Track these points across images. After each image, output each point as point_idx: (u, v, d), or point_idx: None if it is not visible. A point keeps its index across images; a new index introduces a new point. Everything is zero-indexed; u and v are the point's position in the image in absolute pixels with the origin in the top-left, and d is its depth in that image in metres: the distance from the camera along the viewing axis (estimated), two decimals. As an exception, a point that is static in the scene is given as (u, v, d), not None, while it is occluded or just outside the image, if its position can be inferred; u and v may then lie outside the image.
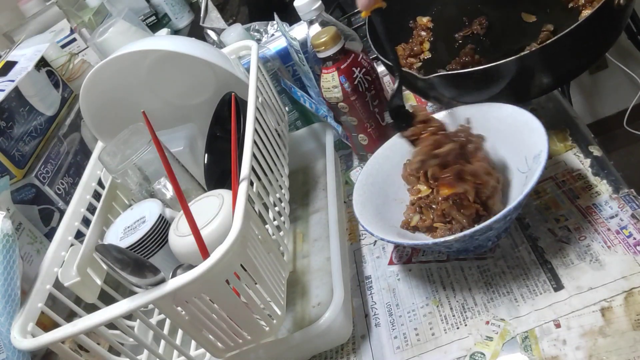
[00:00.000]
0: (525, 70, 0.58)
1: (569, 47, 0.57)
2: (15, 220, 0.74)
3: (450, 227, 0.58)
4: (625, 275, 0.50)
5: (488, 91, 0.61)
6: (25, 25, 1.39)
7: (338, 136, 0.82)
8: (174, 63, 0.77)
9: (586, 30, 0.55)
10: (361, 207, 0.61)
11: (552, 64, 0.58)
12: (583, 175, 0.60)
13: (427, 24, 0.74)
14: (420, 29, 0.74)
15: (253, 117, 0.63)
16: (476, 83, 0.60)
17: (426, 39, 0.73)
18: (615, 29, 0.61)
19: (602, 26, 0.58)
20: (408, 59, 0.72)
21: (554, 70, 0.59)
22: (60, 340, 0.50)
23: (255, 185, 0.61)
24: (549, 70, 0.59)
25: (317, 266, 0.71)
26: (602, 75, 1.76)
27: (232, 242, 0.47)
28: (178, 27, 1.49)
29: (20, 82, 0.83)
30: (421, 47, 0.73)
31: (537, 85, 0.61)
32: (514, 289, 0.54)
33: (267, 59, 0.84)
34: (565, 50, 0.57)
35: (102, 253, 0.48)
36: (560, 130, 0.66)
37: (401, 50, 0.73)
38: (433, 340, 0.55)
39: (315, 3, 0.73)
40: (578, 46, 0.58)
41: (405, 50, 0.73)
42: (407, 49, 0.73)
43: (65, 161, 0.90)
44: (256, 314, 0.54)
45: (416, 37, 0.74)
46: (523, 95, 0.60)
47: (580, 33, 0.55)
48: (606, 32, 0.60)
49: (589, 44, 0.59)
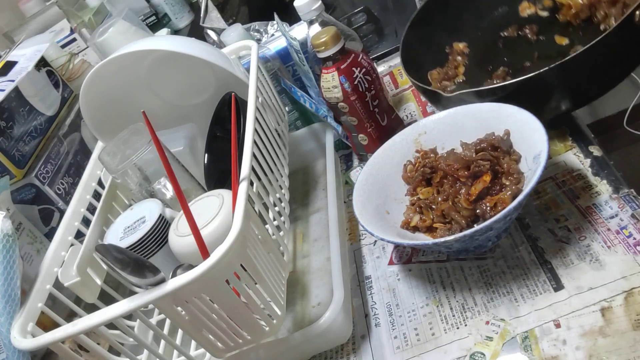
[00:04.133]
0: (544, 87, 0.58)
1: (589, 65, 0.56)
2: (15, 220, 0.74)
3: (450, 227, 0.58)
4: (625, 275, 0.50)
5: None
6: (25, 25, 1.40)
7: (338, 136, 0.82)
8: (174, 63, 0.77)
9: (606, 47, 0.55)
10: (361, 207, 0.61)
11: (570, 81, 0.58)
12: (583, 175, 0.60)
13: (464, 49, 0.76)
14: (456, 54, 0.76)
15: (253, 117, 0.63)
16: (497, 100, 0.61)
17: (461, 64, 0.75)
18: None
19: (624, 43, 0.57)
20: (442, 82, 0.73)
21: (573, 89, 0.59)
22: (60, 340, 0.50)
23: (255, 185, 0.61)
24: (568, 88, 0.59)
25: (317, 266, 0.71)
26: (602, 75, 1.76)
27: (232, 242, 0.47)
28: (178, 27, 1.49)
29: (20, 82, 0.83)
30: (456, 71, 0.75)
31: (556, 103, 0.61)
32: (514, 289, 0.54)
33: (267, 59, 0.84)
34: (585, 68, 0.57)
35: (102, 253, 0.48)
36: (560, 130, 0.66)
37: (436, 74, 0.74)
38: (433, 340, 0.55)
39: (315, 3, 0.73)
40: (599, 63, 0.58)
41: (440, 74, 0.74)
42: (442, 73, 0.74)
43: (65, 161, 0.90)
44: (256, 314, 0.54)
45: (452, 62, 0.76)
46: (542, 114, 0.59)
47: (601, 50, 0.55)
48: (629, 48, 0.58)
49: (611, 61, 0.59)
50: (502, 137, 0.59)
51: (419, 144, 0.67)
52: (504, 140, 0.59)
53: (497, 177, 0.58)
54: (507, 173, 0.57)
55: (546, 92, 0.59)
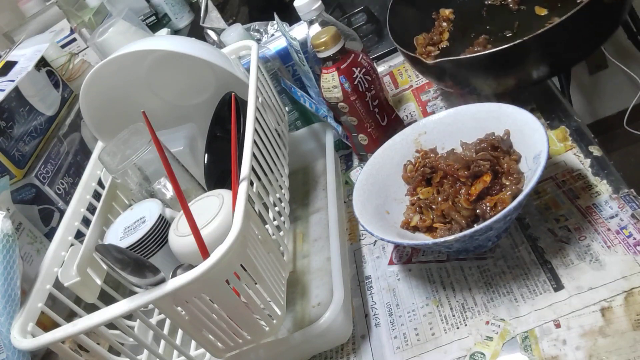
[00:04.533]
0: (520, 57, 0.62)
1: (562, 37, 0.61)
2: (15, 220, 0.74)
3: (450, 227, 0.58)
4: (625, 275, 0.50)
5: (490, 76, 0.65)
6: (25, 25, 1.40)
7: (338, 136, 0.82)
8: (173, 63, 0.77)
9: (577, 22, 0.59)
10: (361, 207, 0.61)
11: (547, 51, 0.62)
12: (583, 175, 0.60)
13: (449, 15, 0.80)
14: (442, 20, 0.80)
15: (253, 117, 0.63)
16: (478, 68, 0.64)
17: (446, 30, 0.79)
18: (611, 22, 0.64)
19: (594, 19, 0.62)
20: (427, 47, 0.77)
21: (549, 58, 0.63)
22: (60, 340, 0.50)
23: (255, 185, 0.61)
24: (544, 58, 0.63)
25: (317, 266, 0.71)
26: (602, 75, 1.76)
27: (232, 242, 0.47)
28: (178, 27, 1.49)
29: (20, 82, 0.83)
30: (441, 37, 0.79)
31: (533, 71, 0.64)
32: (514, 289, 0.54)
33: (267, 59, 0.84)
34: (560, 40, 0.61)
35: (102, 253, 0.48)
36: (560, 130, 0.66)
37: (422, 39, 0.78)
38: (433, 340, 0.55)
39: (315, 3, 0.73)
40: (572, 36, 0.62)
41: (425, 39, 0.78)
42: (427, 38, 0.78)
43: (65, 161, 0.90)
44: (256, 314, 0.54)
45: (437, 28, 0.80)
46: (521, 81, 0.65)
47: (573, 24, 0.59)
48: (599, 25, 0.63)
49: (583, 35, 0.63)
50: (502, 137, 0.59)
51: (419, 144, 0.67)
52: (504, 140, 0.59)
53: (497, 177, 0.58)
54: (507, 173, 0.57)
55: (521, 62, 0.63)
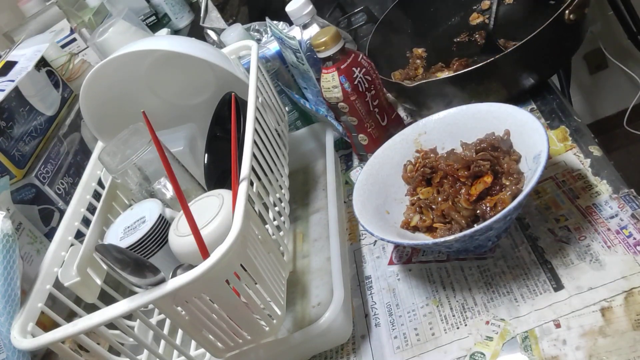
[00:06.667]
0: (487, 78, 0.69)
1: (525, 58, 0.68)
2: (15, 220, 0.74)
3: (450, 227, 0.58)
4: (625, 275, 0.50)
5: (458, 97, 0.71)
6: (25, 25, 1.39)
7: (339, 135, 0.82)
8: (173, 63, 0.77)
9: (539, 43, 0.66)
10: (361, 207, 0.61)
11: (510, 72, 0.70)
12: (583, 175, 0.60)
13: (422, 54, 0.88)
14: (416, 57, 0.88)
15: (253, 117, 0.63)
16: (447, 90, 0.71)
17: (420, 66, 0.87)
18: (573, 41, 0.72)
19: (556, 39, 0.68)
20: (404, 81, 0.82)
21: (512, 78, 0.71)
22: (60, 340, 0.50)
23: (255, 185, 0.61)
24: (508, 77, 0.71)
25: (317, 266, 0.71)
26: (602, 75, 1.76)
27: (232, 242, 0.47)
28: (178, 27, 1.49)
29: (20, 82, 0.83)
30: (415, 72, 0.86)
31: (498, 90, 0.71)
32: (514, 289, 0.54)
33: (267, 59, 0.84)
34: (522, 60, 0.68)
35: (102, 253, 0.48)
36: (560, 130, 0.66)
37: (398, 75, 0.84)
38: (433, 340, 0.55)
39: (306, 8, 0.73)
40: (534, 57, 0.68)
41: (402, 74, 0.85)
42: (404, 73, 0.85)
43: (65, 161, 0.90)
44: (256, 314, 0.54)
45: (412, 64, 0.87)
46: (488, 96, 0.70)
47: (533, 46, 0.66)
48: (561, 43, 0.70)
49: (546, 54, 0.69)
50: (502, 137, 0.59)
51: (419, 144, 0.67)
52: (504, 140, 0.59)
53: (497, 177, 0.58)
54: (507, 173, 0.57)
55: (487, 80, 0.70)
